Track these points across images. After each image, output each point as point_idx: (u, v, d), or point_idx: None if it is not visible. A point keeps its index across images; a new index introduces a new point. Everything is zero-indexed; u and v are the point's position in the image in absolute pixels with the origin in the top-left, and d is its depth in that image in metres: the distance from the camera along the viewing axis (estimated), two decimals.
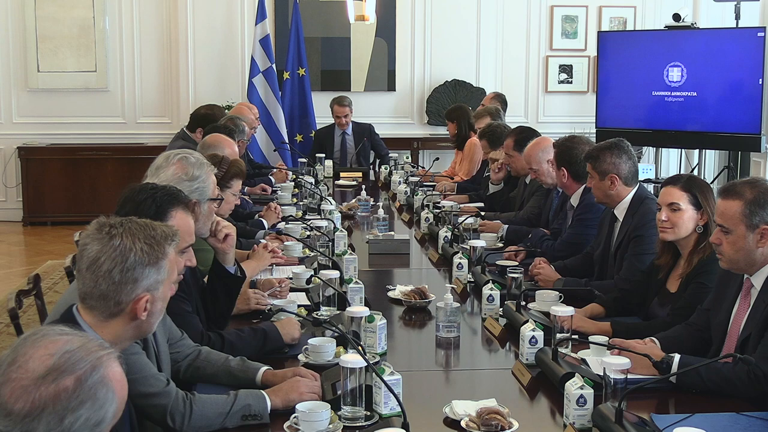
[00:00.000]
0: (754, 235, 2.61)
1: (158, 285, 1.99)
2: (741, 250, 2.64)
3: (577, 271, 3.90)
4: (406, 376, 2.43)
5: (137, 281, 1.95)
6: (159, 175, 3.04)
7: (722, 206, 2.68)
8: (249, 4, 8.98)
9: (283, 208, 5.22)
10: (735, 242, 2.64)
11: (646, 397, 2.50)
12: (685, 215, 3.11)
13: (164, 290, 2.02)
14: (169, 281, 2.04)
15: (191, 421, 2.24)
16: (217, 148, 4.33)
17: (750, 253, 2.63)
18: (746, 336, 2.63)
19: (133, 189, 2.60)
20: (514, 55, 9.44)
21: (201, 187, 3.06)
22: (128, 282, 1.94)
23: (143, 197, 2.53)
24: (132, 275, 1.94)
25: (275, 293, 3.49)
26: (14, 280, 6.77)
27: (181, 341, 2.62)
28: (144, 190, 2.57)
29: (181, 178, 3.03)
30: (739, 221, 2.62)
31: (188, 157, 3.12)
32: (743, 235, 2.62)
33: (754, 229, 2.61)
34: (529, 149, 4.80)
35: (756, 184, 2.66)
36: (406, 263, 4.40)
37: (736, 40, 7.83)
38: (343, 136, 7.88)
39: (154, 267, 1.97)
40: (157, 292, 1.99)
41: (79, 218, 7.80)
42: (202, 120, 6.06)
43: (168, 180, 2.97)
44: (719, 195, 2.73)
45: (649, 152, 9.18)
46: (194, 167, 3.08)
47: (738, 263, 2.68)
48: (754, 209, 2.61)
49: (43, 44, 8.90)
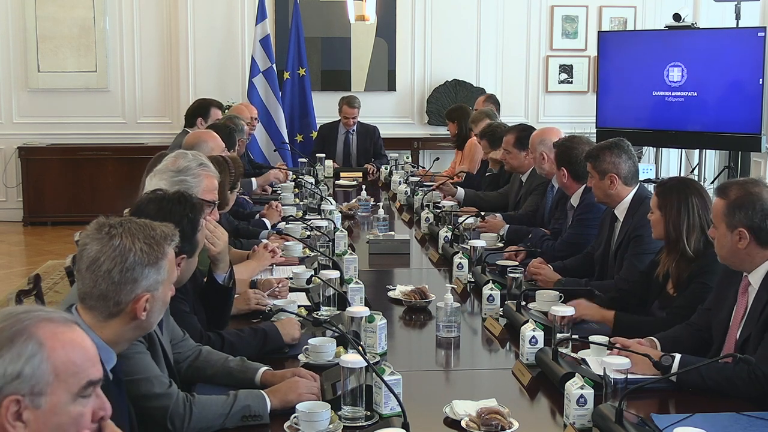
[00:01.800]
0: (733, 235, 2.67)
1: (158, 285, 1.99)
2: (724, 247, 2.72)
3: (577, 271, 3.90)
4: (406, 376, 2.43)
5: (137, 281, 1.94)
6: (156, 167, 3.04)
7: (714, 203, 2.80)
8: (249, 4, 8.98)
9: (283, 208, 5.22)
10: (719, 239, 2.73)
11: (646, 397, 2.50)
12: (654, 217, 3.22)
13: (164, 290, 2.02)
14: (169, 281, 2.03)
15: (191, 422, 2.24)
16: (201, 144, 4.19)
17: (735, 252, 2.68)
18: (747, 336, 2.63)
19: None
20: (514, 55, 9.44)
21: (186, 180, 2.99)
22: (128, 282, 1.93)
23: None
24: (132, 275, 1.93)
25: (275, 293, 3.49)
26: (14, 280, 6.77)
27: (183, 342, 2.62)
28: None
29: (168, 169, 3.00)
30: (721, 220, 2.71)
31: (186, 153, 3.10)
32: (724, 234, 2.70)
33: (733, 229, 2.67)
34: (535, 134, 4.87)
35: (744, 186, 2.72)
36: (406, 263, 4.40)
37: (737, 40, 7.83)
38: (347, 134, 7.89)
39: (153, 267, 1.97)
40: (156, 292, 1.99)
41: (80, 218, 7.78)
42: (195, 111, 6.14)
43: (158, 171, 2.95)
44: (714, 191, 2.82)
45: (649, 152, 9.18)
46: (185, 160, 3.03)
47: (727, 260, 2.75)
48: (732, 210, 2.67)
49: (43, 44, 8.90)
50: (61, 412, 1.43)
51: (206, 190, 3.07)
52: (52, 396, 1.42)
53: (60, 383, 1.43)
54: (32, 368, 1.40)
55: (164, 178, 2.99)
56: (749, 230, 2.64)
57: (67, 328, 1.47)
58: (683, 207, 3.13)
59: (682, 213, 3.12)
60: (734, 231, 2.66)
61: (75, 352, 1.45)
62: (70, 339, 1.46)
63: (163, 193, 2.60)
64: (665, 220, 3.15)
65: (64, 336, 1.45)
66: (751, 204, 2.65)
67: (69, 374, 1.44)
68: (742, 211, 2.65)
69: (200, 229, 2.56)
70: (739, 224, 2.65)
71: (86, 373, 1.46)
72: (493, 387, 2.74)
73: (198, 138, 4.37)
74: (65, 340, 1.45)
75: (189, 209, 2.52)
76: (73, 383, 1.44)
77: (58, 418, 1.42)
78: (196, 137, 4.40)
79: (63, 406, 1.43)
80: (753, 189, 2.69)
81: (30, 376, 1.40)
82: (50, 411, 1.42)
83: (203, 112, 6.25)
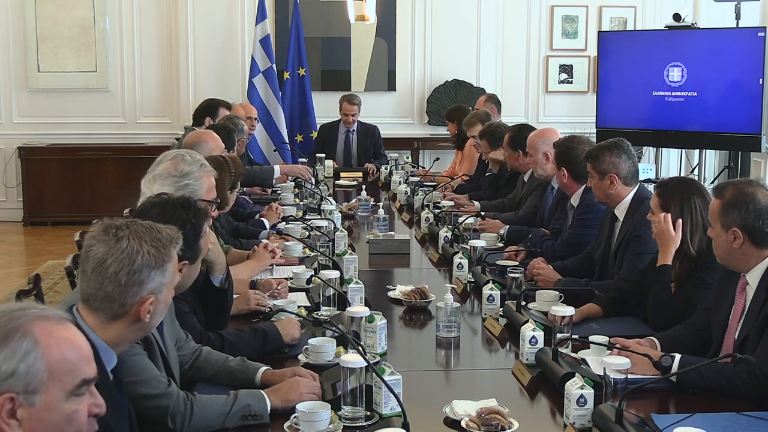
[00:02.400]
0: (728, 235, 2.68)
1: (162, 288, 1.99)
2: (720, 247, 2.74)
3: (578, 271, 3.89)
4: (406, 376, 2.43)
5: (143, 284, 1.94)
6: (155, 171, 3.03)
7: (711, 203, 2.83)
8: (249, 4, 8.98)
9: (283, 208, 5.22)
10: (716, 239, 2.75)
11: (646, 397, 2.50)
12: (655, 218, 3.21)
13: (167, 293, 2.02)
14: (172, 284, 2.04)
15: (191, 422, 2.24)
16: (201, 144, 4.18)
17: (731, 252, 2.70)
18: (745, 335, 2.64)
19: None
20: (514, 55, 9.44)
21: (189, 185, 3.00)
22: (134, 284, 1.93)
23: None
24: (138, 278, 1.93)
25: (275, 294, 3.49)
26: (14, 280, 6.77)
27: (186, 343, 2.63)
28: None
29: (171, 174, 3.00)
30: (716, 220, 2.73)
31: (184, 155, 3.09)
32: (719, 234, 2.72)
33: (727, 229, 2.69)
34: (533, 135, 4.85)
35: (739, 186, 2.74)
36: (406, 263, 4.40)
37: (737, 40, 7.83)
38: (347, 134, 7.89)
39: (159, 270, 1.96)
40: (160, 295, 1.99)
41: (80, 218, 7.79)
42: (204, 111, 6.15)
43: (157, 176, 2.95)
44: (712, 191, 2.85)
45: (649, 152, 9.18)
46: (186, 164, 3.03)
47: (725, 260, 2.76)
48: (726, 210, 2.69)
49: (43, 44, 8.89)
50: (56, 409, 1.43)
51: (208, 190, 3.11)
52: (47, 394, 1.42)
53: (54, 381, 1.42)
54: (27, 366, 1.40)
55: (168, 183, 2.98)
56: (743, 230, 2.66)
57: (62, 326, 1.47)
58: (686, 207, 3.13)
59: (684, 213, 3.12)
60: (728, 231, 2.68)
61: (70, 350, 1.45)
62: (64, 337, 1.46)
63: (167, 197, 2.59)
64: (673, 217, 3.14)
65: (59, 334, 1.45)
66: (744, 204, 2.66)
67: (64, 372, 1.43)
68: (736, 211, 2.67)
69: (203, 236, 2.56)
70: (733, 224, 2.67)
71: (81, 372, 1.46)
72: (493, 387, 2.74)
73: (198, 137, 4.36)
74: (60, 338, 1.45)
75: (193, 215, 2.52)
76: (68, 381, 1.44)
77: (52, 416, 1.42)
78: (197, 137, 4.39)
79: (57, 404, 1.43)
80: (747, 189, 2.70)
81: (24, 373, 1.40)
82: (45, 409, 1.41)
83: (211, 111, 6.25)
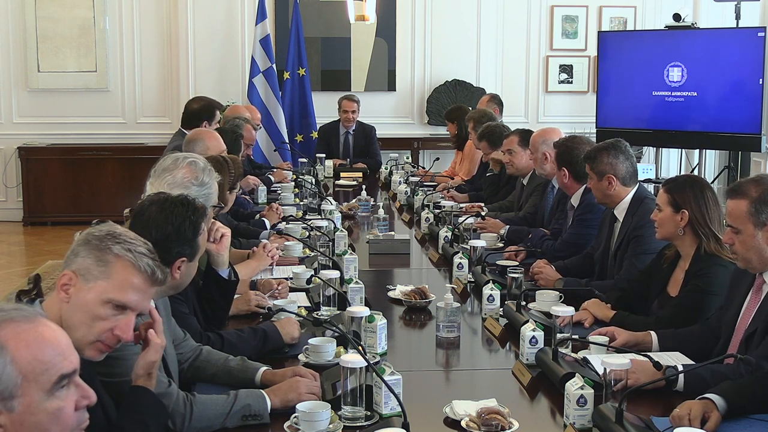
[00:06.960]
0: (763, 232, 2.61)
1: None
2: (752, 248, 2.64)
3: (578, 272, 3.90)
4: (406, 376, 2.44)
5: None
6: (165, 178, 3.03)
7: (730, 206, 2.69)
8: (249, 4, 8.98)
9: (283, 208, 5.22)
10: (745, 241, 2.64)
11: (647, 398, 2.50)
12: (663, 215, 3.16)
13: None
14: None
15: (191, 422, 2.24)
16: (197, 143, 4.20)
17: (762, 251, 2.63)
18: (752, 330, 2.62)
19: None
20: (514, 55, 9.44)
21: (208, 194, 3.06)
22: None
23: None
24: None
25: (275, 295, 3.50)
26: (14, 280, 6.78)
27: (184, 342, 2.62)
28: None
29: (192, 183, 3.02)
30: (747, 220, 2.63)
31: (197, 162, 3.11)
32: (752, 234, 2.62)
33: (762, 226, 2.61)
34: (535, 134, 4.86)
35: (761, 182, 2.66)
36: (406, 263, 4.40)
37: (737, 40, 7.83)
38: (347, 134, 7.91)
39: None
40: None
41: (80, 218, 7.79)
42: (200, 114, 6.01)
43: (176, 184, 2.96)
44: (727, 195, 2.74)
45: (649, 152, 9.18)
46: (204, 173, 3.07)
47: (751, 262, 2.67)
48: (759, 207, 2.61)
49: (43, 44, 8.89)
50: (37, 410, 1.41)
51: (216, 195, 3.15)
52: (25, 397, 1.39)
53: (30, 383, 1.40)
54: None
55: (192, 192, 2.99)
56: None
57: (31, 326, 1.43)
58: (701, 200, 3.09)
59: (701, 206, 3.08)
60: (764, 228, 2.60)
61: (41, 350, 1.42)
62: (34, 337, 1.42)
63: (166, 195, 2.60)
64: (690, 213, 3.08)
65: (28, 335, 1.42)
66: None
67: (38, 373, 1.41)
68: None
69: (201, 233, 2.56)
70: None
71: (57, 368, 1.43)
72: (493, 387, 2.74)
73: (197, 136, 4.38)
74: (29, 339, 1.42)
75: (191, 212, 2.52)
76: (45, 380, 1.41)
77: (35, 417, 1.41)
78: (199, 135, 4.40)
79: (38, 405, 1.41)
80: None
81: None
82: (26, 412, 1.39)
83: (208, 116, 6.04)
